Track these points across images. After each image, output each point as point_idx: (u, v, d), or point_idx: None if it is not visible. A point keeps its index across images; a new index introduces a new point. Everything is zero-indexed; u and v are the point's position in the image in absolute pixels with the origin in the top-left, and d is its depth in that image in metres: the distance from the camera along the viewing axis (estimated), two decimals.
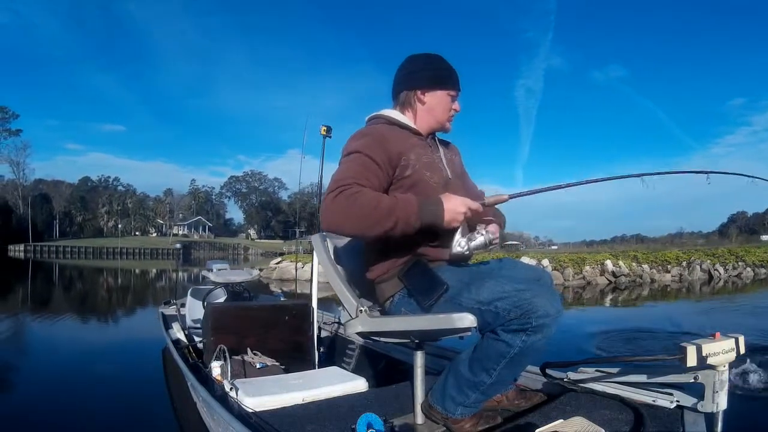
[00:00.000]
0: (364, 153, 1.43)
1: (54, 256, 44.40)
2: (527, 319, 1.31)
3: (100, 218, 70.46)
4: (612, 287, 12.63)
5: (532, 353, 1.37)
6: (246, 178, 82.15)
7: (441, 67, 1.61)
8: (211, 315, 2.56)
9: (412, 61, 1.62)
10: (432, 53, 1.65)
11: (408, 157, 1.49)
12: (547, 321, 1.31)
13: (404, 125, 1.58)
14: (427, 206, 1.35)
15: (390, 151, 1.45)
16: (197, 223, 74.14)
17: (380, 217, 1.31)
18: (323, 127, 3.39)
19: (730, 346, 1.35)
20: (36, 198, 59.52)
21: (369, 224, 1.31)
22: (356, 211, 1.30)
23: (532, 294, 1.32)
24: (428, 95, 1.58)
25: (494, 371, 1.41)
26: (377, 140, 1.46)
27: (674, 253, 15.99)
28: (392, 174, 1.47)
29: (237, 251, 60.90)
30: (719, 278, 14.61)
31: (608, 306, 9.26)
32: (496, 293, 1.36)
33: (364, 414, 1.39)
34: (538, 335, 1.33)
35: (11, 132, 61.57)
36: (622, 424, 1.45)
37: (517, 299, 1.33)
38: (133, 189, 75.82)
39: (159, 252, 49.53)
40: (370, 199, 1.32)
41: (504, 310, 1.34)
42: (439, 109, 1.59)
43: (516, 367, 1.43)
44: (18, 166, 61.24)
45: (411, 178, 1.48)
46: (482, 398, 1.48)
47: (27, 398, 3.28)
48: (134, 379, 3.71)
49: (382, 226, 1.32)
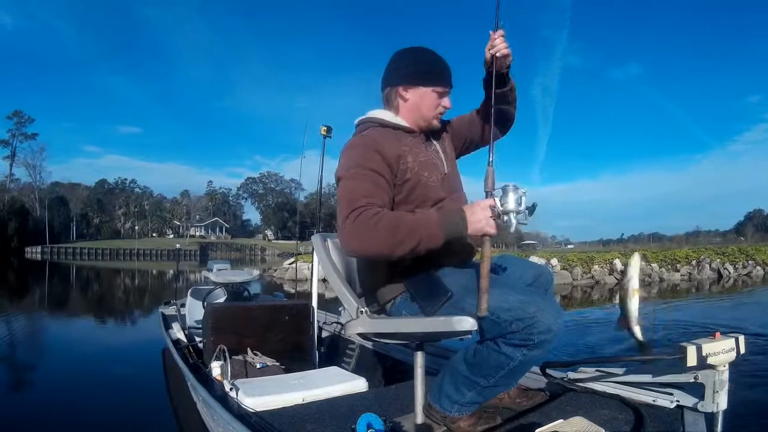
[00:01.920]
0: (367, 167, 1.39)
1: (71, 258, 44.64)
2: (529, 334, 1.29)
3: (116, 220, 71.09)
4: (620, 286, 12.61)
5: (532, 365, 1.38)
6: (263, 180, 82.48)
7: (425, 62, 1.53)
8: (211, 315, 2.56)
9: (396, 57, 1.56)
10: (420, 47, 1.56)
11: (406, 159, 1.46)
12: (548, 337, 1.30)
13: (397, 126, 1.53)
14: (449, 221, 1.31)
15: (389, 158, 1.42)
16: (214, 225, 74.54)
17: (403, 238, 1.29)
18: (323, 127, 3.40)
19: (730, 346, 1.35)
20: (53, 200, 60.30)
21: (393, 247, 1.29)
22: (379, 235, 1.28)
23: (536, 308, 1.30)
24: (410, 92, 1.52)
25: (492, 378, 1.41)
26: (375, 150, 1.42)
27: (684, 251, 15.96)
28: (394, 180, 1.44)
29: (254, 252, 60.72)
30: (729, 277, 14.59)
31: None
32: (499, 303, 1.32)
33: (364, 414, 1.38)
34: (539, 350, 1.32)
35: (27, 136, 62.93)
36: (622, 423, 1.45)
37: (520, 312, 1.30)
38: (150, 191, 76.59)
39: (175, 253, 49.38)
40: (390, 221, 1.30)
41: (506, 321, 1.31)
42: (424, 105, 1.53)
43: (515, 375, 1.44)
44: (35, 169, 62.26)
45: (411, 182, 1.46)
46: (479, 399, 1.48)
47: (27, 398, 3.28)
48: (134, 379, 3.71)
49: (407, 247, 1.30)
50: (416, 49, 1.56)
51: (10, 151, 62.58)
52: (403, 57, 1.55)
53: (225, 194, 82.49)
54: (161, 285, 16.47)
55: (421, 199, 1.47)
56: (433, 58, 1.55)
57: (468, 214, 1.30)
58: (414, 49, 1.56)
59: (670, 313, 7.40)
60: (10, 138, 62.43)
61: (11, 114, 62.72)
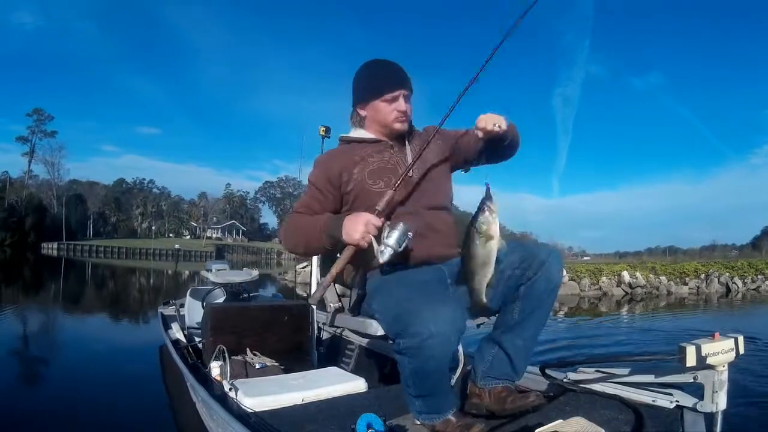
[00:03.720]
0: (311, 182, 1.66)
1: (86, 255, 45.11)
2: (399, 339, 1.26)
3: (134, 219, 71.79)
4: (628, 298, 12.65)
5: (432, 372, 1.28)
6: (281, 184, 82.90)
7: (368, 76, 1.65)
8: (210, 315, 2.56)
9: (354, 78, 1.69)
10: (369, 62, 1.68)
11: (351, 172, 1.61)
12: (416, 342, 1.20)
13: (361, 139, 1.69)
14: (330, 226, 1.48)
15: (330, 174, 1.62)
16: (231, 227, 75.25)
17: (299, 239, 1.57)
18: (322, 127, 3.39)
19: (729, 346, 1.35)
20: (70, 198, 61.15)
21: (298, 244, 1.59)
22: (287, 235, 1.61)
23: (407, 309, 1.24)
24: (366, 108, 1.66)
25: (408, 387, 1.38)
26: (321, 167, 1.66)
27: (692, 265, 16.01)
28: (338, 192, 1.63)
29: (270, 255, 60.85)
30: (737, 291, 14.62)
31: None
32: (383, 303, 1.38)
33: (364, 414, 1.38)
34: (419, 358, 1.24)
35: (46, 133, 63.84)
36: (621, 424, 1.45)
37: (397, 312, 1.28)
38: (168, 191, 77.22)
39: (192, 254, 49.79)
40: (292, 224, 1.60)
41: (386, 323, 1.36)
42: (379, 116, 1.64)
43: (427, 380, 1.33)
44: (53, 167, 63.08)
45: (353, 192, 1.61)
46: (425, 408, 1.42)
47: (28, 397, 3.27)
48: (134, 379, 3.71)
49: (309, 246, 1.58)
50: (364, 65, 1.69)
51: (29, 147, 63.64)
52: (356, 77, 1.69)
53: (243, 197, 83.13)
54: (177, 284, 16.49)
55: (368, 204, 1.54)
56: (377, 70, 1.65)
57: (348, 222, 1.43)
58: (364, 65, 1.69)
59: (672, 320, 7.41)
60: (29, 135, 63.61)
61: (31, 111, 63.85)
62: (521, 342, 1.58)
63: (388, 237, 1.39)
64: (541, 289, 1.50)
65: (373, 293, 1.50)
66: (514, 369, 1.62)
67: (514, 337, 1.58)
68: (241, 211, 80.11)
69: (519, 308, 1.55)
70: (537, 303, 1.53)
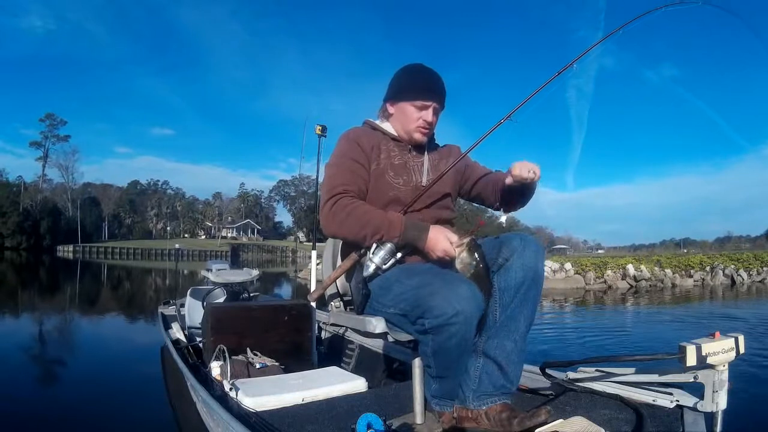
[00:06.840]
0: (348, 156, 1.58)
1: (102, 257, 45.53)
2: (423, 320, 1.30)
3: (149, 221, 72.60)
4: (633, 291, 12.64)
5: (454, 349, 1.33)
6: (294, 182, 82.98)
7: (409, 78, 1.65)
8: (210, 315, 2.56)
9: (394, 75, 1.69)
10: (414, 65, 1.69)
11: (378, 154, 1.61)
12: (441, 321, 1.25)
13: (384, 131, 1.68)
14: (411, 231, 1.45)
15: (365, 147, 1.59)
16: (246, 226, 75.66)
17: (369, 232, 1.46)
18: (318, 126, 3.40)
19: (729, 346, 1.35)
20: (85, 201, 62.14)
21: (360, 236, 1.47)
22: (350, 224, 1.47)
23: (429, 291, 1.29)
24: (394, 106, 1.66)
25: (430, 368, 1.43)
26: (355, 141, 1.60)
27: (698, 257, 16.07)
28: (369, 168, 1.59)
29: (285, 254, 60.89)
30: (742, 283, 14.61)
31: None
32: (397, 295, 1.40)
33: (364, 414, 1.38)
34: (443, 335, 1.29)
35: (59, 138, 65.02)
36: (622, 423, 1.45)
37: (414, 298, 1.33)
38: (182, 192, 78.07)
39: (207, 254, 49.99)
40: (360, 215, 1.47)
41: (404, 310, 1.38)
42: (403, 118, 1.64)
43: (448, 358, 1.37)
44: (67, 171, 63.95)
45: (373, 175, 1.59)
46: (441, 392, 1.49)
47: (29, 397, 3.27)
48: (136, 379, 3.71)
49: (371, 239, 1.47)
50: (408, 67, 1.69)
51: (43, 152, 64.77)
52: (396, 75, 1.68)
53: (257, 196, 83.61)
54: (191, 283, 16.53)
55: (379, 193, 1.57)
56: (420, 75, 1.65)
57: (433, 234, 1.44)
58: (407, 66, 1.69)
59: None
60: (42, 140, 64.80)
61: (44, 116, 65.11)
62: (511, 344, 1.45)
63: (374, 254, 1.45)
64: (519, 279, 1.42)
65: (382, 289, 1.47)
66: (507, 378, 1.46)
67: (501, 340, 1.46)
68: (256, 210, 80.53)
69: (499, 305, 1.45)
70: (517, 296, 1.43)
